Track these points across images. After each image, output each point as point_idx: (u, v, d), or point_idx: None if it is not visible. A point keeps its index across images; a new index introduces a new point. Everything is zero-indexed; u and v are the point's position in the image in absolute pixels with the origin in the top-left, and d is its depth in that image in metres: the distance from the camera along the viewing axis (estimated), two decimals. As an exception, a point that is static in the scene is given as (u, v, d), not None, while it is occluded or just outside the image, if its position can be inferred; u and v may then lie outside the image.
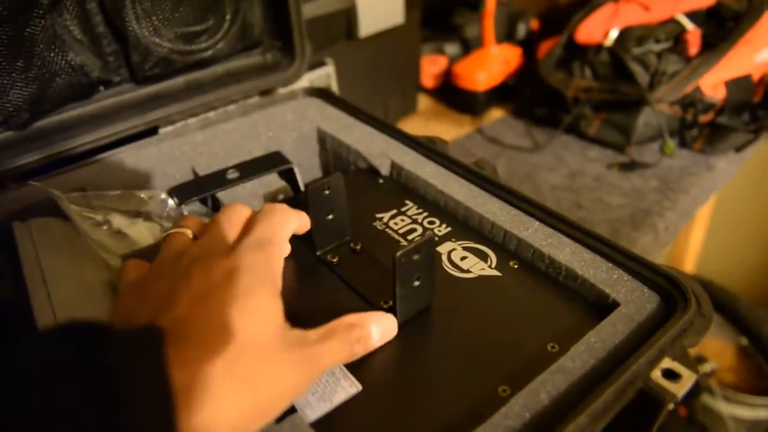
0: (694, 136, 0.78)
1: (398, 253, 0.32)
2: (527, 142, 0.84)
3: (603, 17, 0.82)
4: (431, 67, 0.94)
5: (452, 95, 0.93)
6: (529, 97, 0.89)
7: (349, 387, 0.32)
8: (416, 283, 0.34)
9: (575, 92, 0.78)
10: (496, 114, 0.92)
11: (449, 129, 0.90)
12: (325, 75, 0.74)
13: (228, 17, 0.57)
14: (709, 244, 1.34)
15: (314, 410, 0.30)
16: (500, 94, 0.91)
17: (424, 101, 0.97)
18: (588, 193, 0.72)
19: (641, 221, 0.67)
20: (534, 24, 0.99)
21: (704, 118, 0.77)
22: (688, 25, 0.77)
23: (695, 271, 1.36)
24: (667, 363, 0.30)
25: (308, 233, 0.40)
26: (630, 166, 0.75)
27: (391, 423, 0.30)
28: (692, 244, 1.27)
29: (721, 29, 0.77)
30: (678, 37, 0.76)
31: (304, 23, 0.61)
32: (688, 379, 0.29)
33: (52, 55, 0.50)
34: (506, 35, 0.96)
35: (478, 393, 0.31)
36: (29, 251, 0.42)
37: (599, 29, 0.80)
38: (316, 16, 0.69)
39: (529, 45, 0.96)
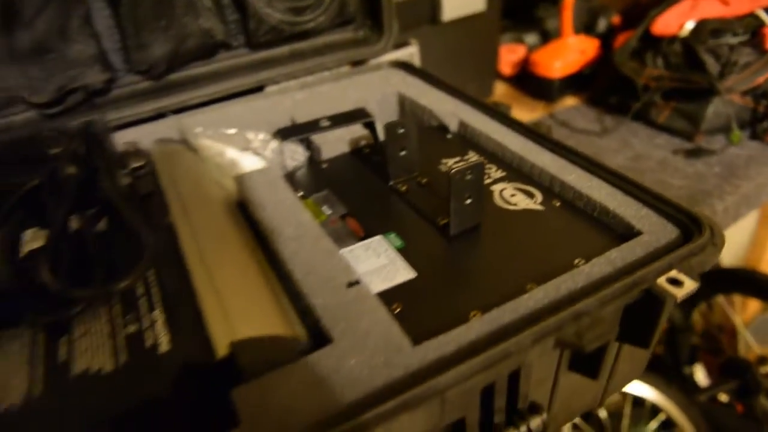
0: (765, 128, 0.79)
1: (453, 171, 0.39)
2: (597, 127, 0.88)
3: (681, 10, 0.85)
4: (510, 56, 1.00)
5: (528, 82, 0.98)
6: (602, 85, 0.93)
7: (407, 273, 0.40)
8: (468, 201, 0.42)
9: (646, 80, 0.81)
10: (569, 102, 0.97)
11: (522, 113, 0.95)
12: (409, 54, 0.82)
13: (330, -5, 0.67)
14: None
15: (377, 286, 0.39)
16: (575, 83, 0.96)
17: (500, 87, 1.03)
18: (650, 174, 0.76)
19: (699, 201, 0.70)
20: (615, 19, 1.03)
21: (778, 111, 0.78)
22: (768, 19, 0.78)
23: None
24: (673, 273, 0.35)
25: (383, 166, 0.48)
26: (695, 153, 0.78)
27: (438, 300, 0.37)
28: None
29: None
30: (755, 31, 0.78)
31: (393, 5, 0.70)
32: (689, 285, 0.35)
33: (187, 19, 0.61)
34: (585, 28, 1.00)
35: (510, 287, 0.38)
36: (166, 169, 0.53)
37: (675, 21, 0.83)
38: (404, 0, 0.78)
39: (608, 39, 0.99)
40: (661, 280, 0.35)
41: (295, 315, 0.38)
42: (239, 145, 0.58)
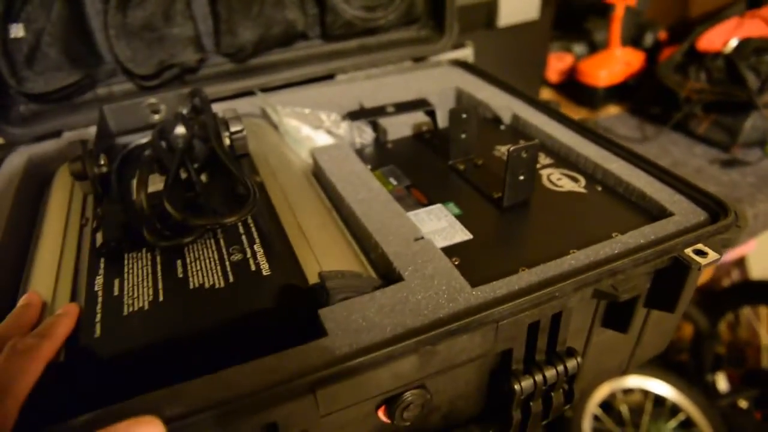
0: (801, 144, 0.82)
1: (512, 148, 0.45)
2: (637, 135, 0.93)
3: (726, 28, 0.89)
4: (558, 63, 1.05)
5: (574, 89, 1.03)
6: (644, 96, 0.98)
7: (464, 234, 0.46)
8: (521, 177, 0.48)
9: (689, 92, 0.86)
10: (612, 110, 1.02)
11: (566, 119, 1.00)
12: (464, 55, 0.88)
13: (400, -4, 0.74)
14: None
15: (439, 243, 0.45)
16: (618, 93, 1.01)
17: (546, 93, 1.08)
18: (686, 181, 0.80)
19: (732, 207, 0.74)
20: (662, 35, 1.07)
21: (816, 129, 0.81)
22: (813, 41, 0.82)
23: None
24: (699, 246, 0.41)
25: (443, 148, 0.54)
26: (731, 163, 0.82)
27: (490, 257, 0.43)
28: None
29: None
30: (799, 52, 0.82)
31: (455, 8, 0.76)
32: (712, 256, 0.40)
33: (275, 9, 0.69)
34: (632, 41, 1.05)
35: (554, 251, 0.44)
36: (252, 138, 0.60)
37: (720, 38, 0.87)
38: (464, 5, 0.84)
39: (653, 52, 1.04)
40: (688, 250, 0.40)
41: (365, 259, 0.44)
42: (313, 124, 0.65)
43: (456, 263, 0.43)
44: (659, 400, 0.94)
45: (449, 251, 0.44)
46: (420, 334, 0.34)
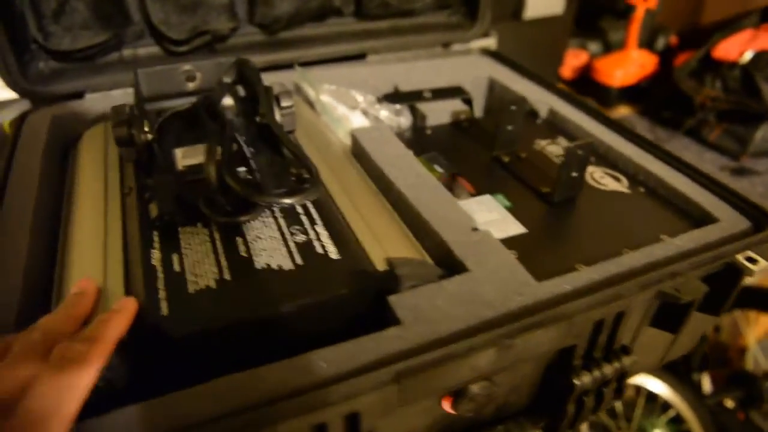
0: (807, 157, 0.85)
1: (570, 145, 0.45)
2: (649, 137, 0.94)
3: (742, 39, 0.91)
4: (573, 60, 1.06)
5: (587, 87, 1.05)
6: (657, 100, 0.99)
7: (518, 228, 0.46)
8: (574, 174, 0.48)
9: (703, 99, 0.88)
10: (623, 110, 1.03)
11: (576, 116, 1.01)
12: (488, 45, 0.88)
13: (436, -20, 0.73)
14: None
15: (494, 235, 0.45)
16: (632, 94, 1.02)
17: (557, 90, 1.09)
18: (697, 186, 0.82)
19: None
20: (673, 39, 1.09)
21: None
22: (824, 58, 0.85)
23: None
24: (749, 253, 0.42)
25: (483, 138, 0.54)
26: (740, 171, 0.84)
27: (546, 252, 0.44)
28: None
29: None
30: (811, 67, 0.84)
31: (489, -3, 0.76)
32: (763, 264, 0.41)
33: (312, -18, 0.67)
34: (646, 44, 1.06)
35: (608, 249, 0.44)
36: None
37: (736, 49, 0.89)
38: (494, -5, 0.83)
39: (665, 57, 1.05)
40: (740, 257, 0.41)
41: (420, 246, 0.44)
42: (348, 104, 0.64)
43: (515, 257, 0.43)
44: (651, 396, 0.97)
45: (506, 244, 0.44)
46: (496, 326, 0.34)
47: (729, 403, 0.99)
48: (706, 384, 1.05)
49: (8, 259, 0.40)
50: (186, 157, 0.49)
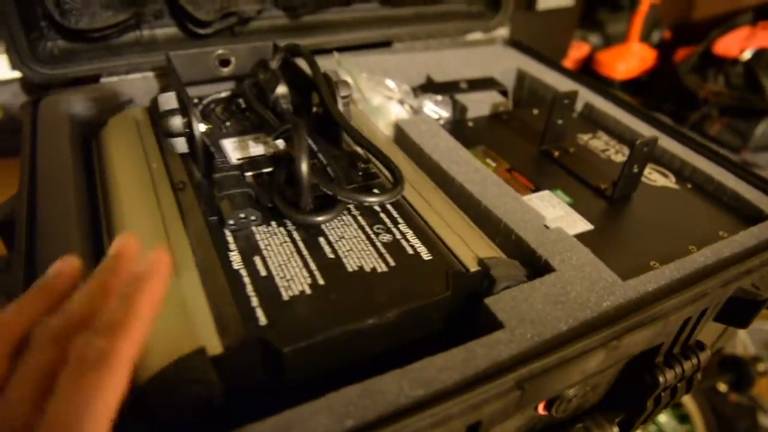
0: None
1: (638, 141, 0.45)
2: (648, 130, 0.97)
3: (740, 36, 0.93)
4: (574, 52, 1.07)
5: (587, 79, 1.06)
6: (657, 93, 1.01)
7: (584, 224, 0.46)
8: (635, 170, 0.48)
9: (706, 94, 0.90)
10: (622, 103, 1.05)
11: (577, 108, 1.03)
12: (502, 35, 0.87)
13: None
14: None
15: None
16: (632, 87, 1.04)
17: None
18: (702, 178, 0.85)
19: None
20: (666, 34, 1.11)
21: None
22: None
23: None
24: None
25: (526, 130, 0.53)
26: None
27: (617, 249, 0.44)
28: None
29: None
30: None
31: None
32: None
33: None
34: (644, 38, 1.08)
35: (674, 245, 0.44)
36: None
37: (736, 46, 0.92)
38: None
39: (660, 50, 1.08)
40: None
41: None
42: (383, 93, 0.62)
43: (590, 254, 0.43)
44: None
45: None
46: (596, 327, 0.34)
47: (722, 387, 1.04)
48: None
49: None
50: (236, 149, 0.46)
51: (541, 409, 0.36)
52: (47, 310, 0.24)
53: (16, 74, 0.66)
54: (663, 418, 0.95)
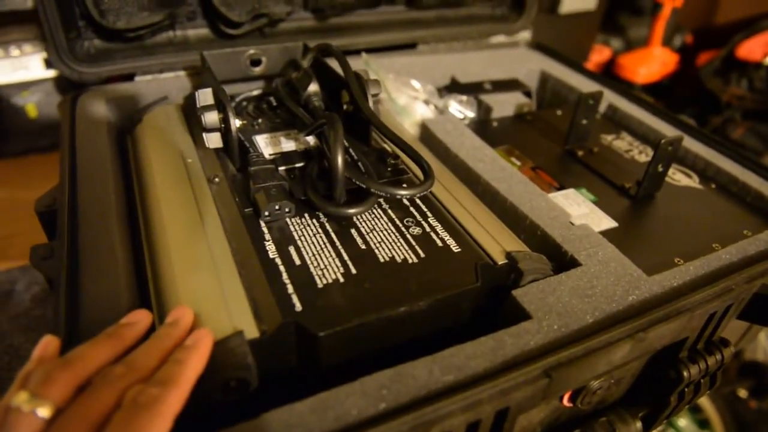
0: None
1: (663, 140, 0.46)
2: (669, 134, 0.97)
3: (764, 41, 0.93)
4: (596, 56, 1.07)
5: (608, 83, 1.06)
6: (679, 97, 1.01)
7: (609, 222, 0.46)
8: (660, 169, 0.48)
9: (729, 98, 0.90)
10: (643, 106, 1.05)
11: (598, 111, 1.03)
12: (524, 38, 0.88)
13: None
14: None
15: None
16: (654, 91, 1.04)
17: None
18: (724, 182, 0.84)
19: None
20: (688, 38, 1.11)
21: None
22: None
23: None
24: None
25: (550, 131, 0.54)
26: (764, 169, 0.87)
27: (641, 246, 0.44)
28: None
29: None
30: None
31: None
32: None
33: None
34: (665, 42, 1.08)
35: (698, 243, 0.45)
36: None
37: (760, 49, 0.92)
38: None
39: (683, 55, 1.08)
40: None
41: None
42: (408, 93, 0.63)
43: (615, 250, 0.43)
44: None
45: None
46: (622, 320, 0.34)
47: (742, 393, 1.03)
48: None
49: (105, 259, 0.38)
50: (268, 145, 0.47)
51: (566, 401, 0.37)
52: (114, 356, 0.28)
53: (49, 74, 0.69)
54: (683, 422, 0.95)
